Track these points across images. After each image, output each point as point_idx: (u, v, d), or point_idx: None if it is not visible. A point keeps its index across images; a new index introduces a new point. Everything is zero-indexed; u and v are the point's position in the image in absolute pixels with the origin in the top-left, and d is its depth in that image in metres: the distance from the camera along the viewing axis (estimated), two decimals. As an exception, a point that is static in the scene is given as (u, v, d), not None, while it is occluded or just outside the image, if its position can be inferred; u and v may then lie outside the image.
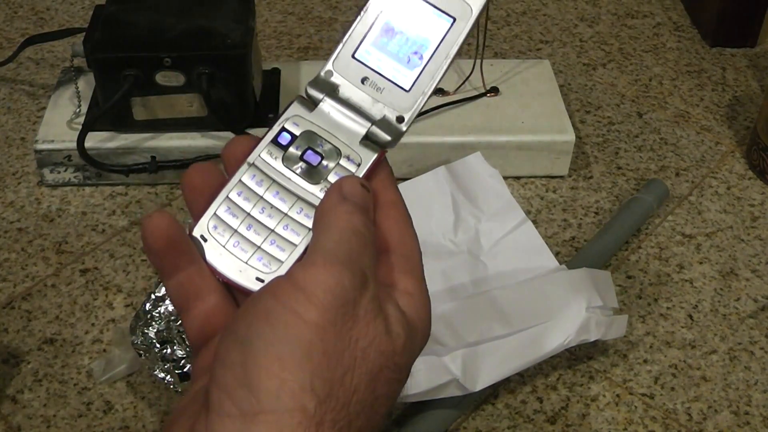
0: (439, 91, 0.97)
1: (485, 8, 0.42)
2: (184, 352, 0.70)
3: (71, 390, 0.74)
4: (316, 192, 0.40)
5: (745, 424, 0.72)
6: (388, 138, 0.42)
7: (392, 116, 0.42)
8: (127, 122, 0.91)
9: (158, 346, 0.71)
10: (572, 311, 0.73)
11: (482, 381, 0.70)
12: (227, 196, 0.40)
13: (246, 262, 0.40)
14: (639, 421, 0.72)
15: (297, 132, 0.41)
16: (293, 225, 0.40)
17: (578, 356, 0.77)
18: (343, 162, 0.41)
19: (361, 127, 0.41)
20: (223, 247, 0.40)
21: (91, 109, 0.93)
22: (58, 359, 0.76)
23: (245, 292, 0.40)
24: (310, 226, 0.40)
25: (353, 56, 0.42)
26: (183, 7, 0.92)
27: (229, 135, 0.91)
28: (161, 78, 0.88)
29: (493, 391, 0.74)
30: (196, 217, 0.41)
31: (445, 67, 0.42)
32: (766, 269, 0.86)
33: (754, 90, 1.10)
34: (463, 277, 0.80)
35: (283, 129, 0.41)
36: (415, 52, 0.42)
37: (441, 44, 0.42)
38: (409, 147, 0.92)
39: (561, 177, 0.95)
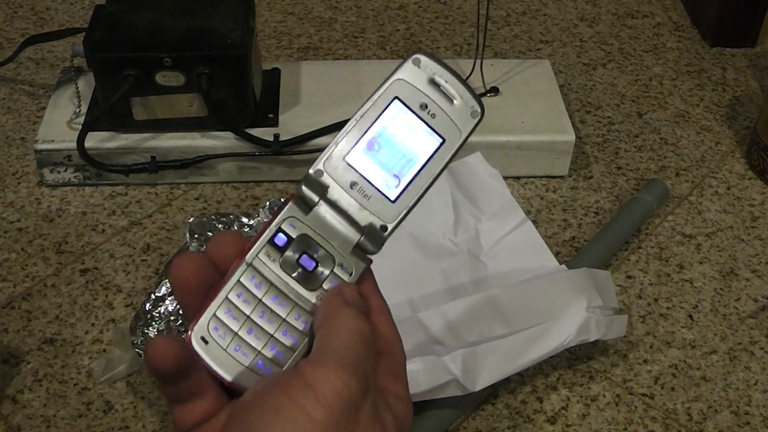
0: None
1: (472, 132, 0.44)
2: None
3: (71, 390, 0.74)
4: (311, 299, 0.42)
5: (745, 424, 0.72)
6: (375, 248, 0.43)
7: (377, 224, 0.43)
8: (127, 122, 0.91)
9: None
10: (572, 311, 0.73)
11: (482, 381, 0.70)
12: (227, 297, 0.41)
13: (247, 367, 0.41)
14: (639, 421, 0.72)
15: (293, 234, 0.43)
16: (291, 331, 0.41)
17: (578, 356, 0.77)
18: (337, 270, 0.43)
19: (353, 236, 0.43)
20: (224, 350, 0.41)
21: (91, 109, 0.93)
22: (58, 359, 0.76)
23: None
24: (306, 332, 0.41)
25: (344, 159, 0.43)
26: (183, 7, 0.92)
27: (229, 135, 0.91)
28: (161, 78, 0.88)
29: (493, 391, 0.74)
30: (192, 314, 0.42)
31: (428, 184, 0.44)
32: (766, 269, 0.86)
33: (754, 90, 1.10)
34: (463, 277, 0.80)
35: (280, 230, 0.43)
36: (404, 166, 0.44)
37: (428, 162, 0.44)
38: (409, 147, 0.92)
39: (561, 177, 0.95)
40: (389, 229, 0.43)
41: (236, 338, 0.41)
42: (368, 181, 0.43)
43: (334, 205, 0.43)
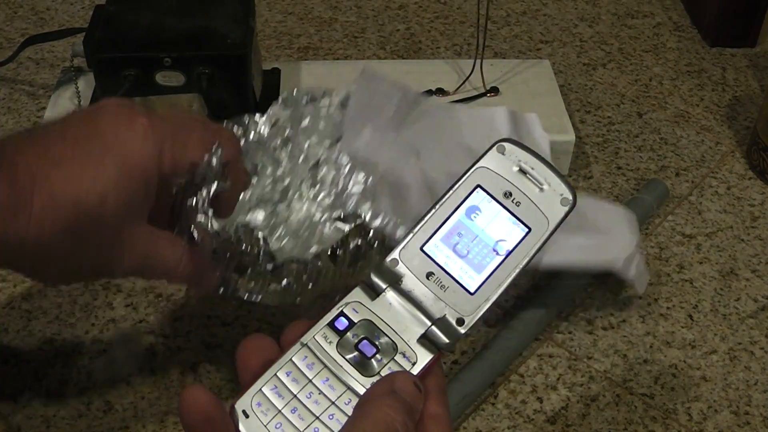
0: (439, 91, 0.97)
1: (563, 221, 0.41)
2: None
3: (71, 390, 0.73)
4: (366, 385, 0.40)
5: (745, 424, 0.72)
6: (447, 341, 0.41)
7: (452, 318, 0.41)
8: (127, 122, 0.90)
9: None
10: (626, 241, 0.74)
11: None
12: (275, 374, 0.40)
13: None
14: (639, 421, 0.72)
15: (356, 319, 0.41)
16: (339, 415, 0.39)
17: (578, 356, 0.77)
18: (398, 358, 0.40)
19: (420, 326, 0.41)
20: (265, 426, 0.39)
21: (91, 109, 0.93)
22: (58, 359, 0.76)
23: None
24: None
25: (421, 248, 0.42)
26: (183, 7, 0.92)
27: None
28: (161, 78, 0.88)
29: (493, 391, 0.74)
30: (243, 389, 0.40)
31: (513, 276, 0.41)
32: (766, 269, 0.86)
33: (754, 90, 1.10)
34: None
35: (342, 314, 0.41)
36: (485, 256, 0.41)
37: (512, 252, 0.41)
38: (409, 147, 0.92)
39: (561, 177, 0.95)
40: (466, 322, 0.41)
41: (279, 416, 0.39)
42: (446, 271, 0.41)
43: (406, 295, 0.41)
